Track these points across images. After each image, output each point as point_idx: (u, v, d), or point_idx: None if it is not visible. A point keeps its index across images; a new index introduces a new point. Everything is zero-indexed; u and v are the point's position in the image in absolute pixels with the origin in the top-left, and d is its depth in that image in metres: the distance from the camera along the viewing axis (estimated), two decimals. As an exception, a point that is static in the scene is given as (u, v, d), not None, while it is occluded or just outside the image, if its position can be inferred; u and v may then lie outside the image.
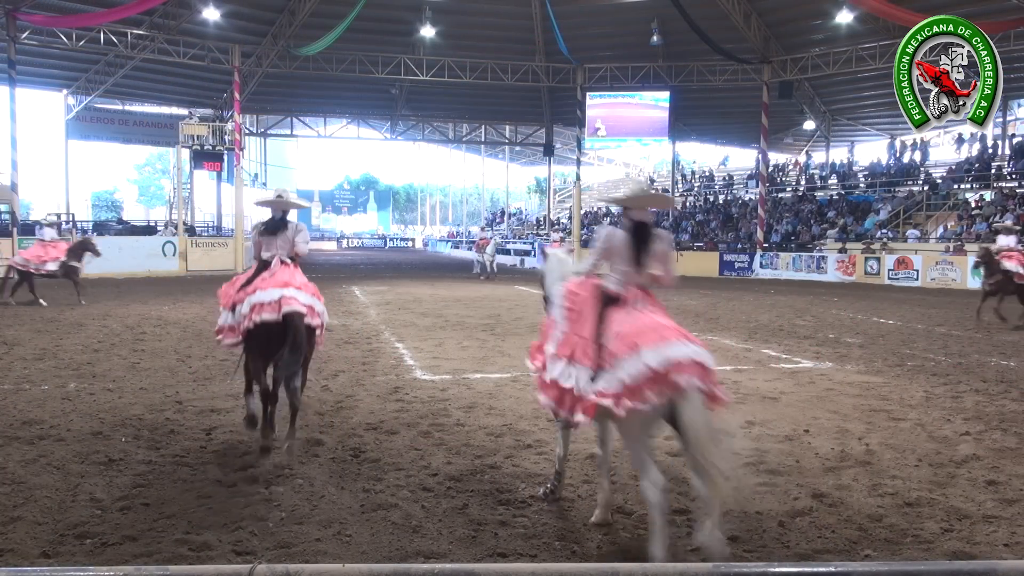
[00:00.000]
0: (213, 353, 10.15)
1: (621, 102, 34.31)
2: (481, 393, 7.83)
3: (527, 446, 5.97)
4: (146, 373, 8.78)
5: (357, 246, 66.06)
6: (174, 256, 27.63)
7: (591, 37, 32.60)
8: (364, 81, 34.59)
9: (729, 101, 36.72)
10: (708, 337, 12.28)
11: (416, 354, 10.35)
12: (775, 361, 10.17)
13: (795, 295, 21.12)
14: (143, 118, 37.68)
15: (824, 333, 13.08)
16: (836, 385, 8.44)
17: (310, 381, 7.93)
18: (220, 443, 5.99)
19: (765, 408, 7.30)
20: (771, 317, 15.51)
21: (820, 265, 28.24)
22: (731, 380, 8.60)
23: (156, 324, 13.23)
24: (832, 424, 6.71)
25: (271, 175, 63.95)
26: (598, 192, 60.07)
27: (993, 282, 14.10)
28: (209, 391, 7.83)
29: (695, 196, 44.11)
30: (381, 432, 6.33)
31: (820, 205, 34.28)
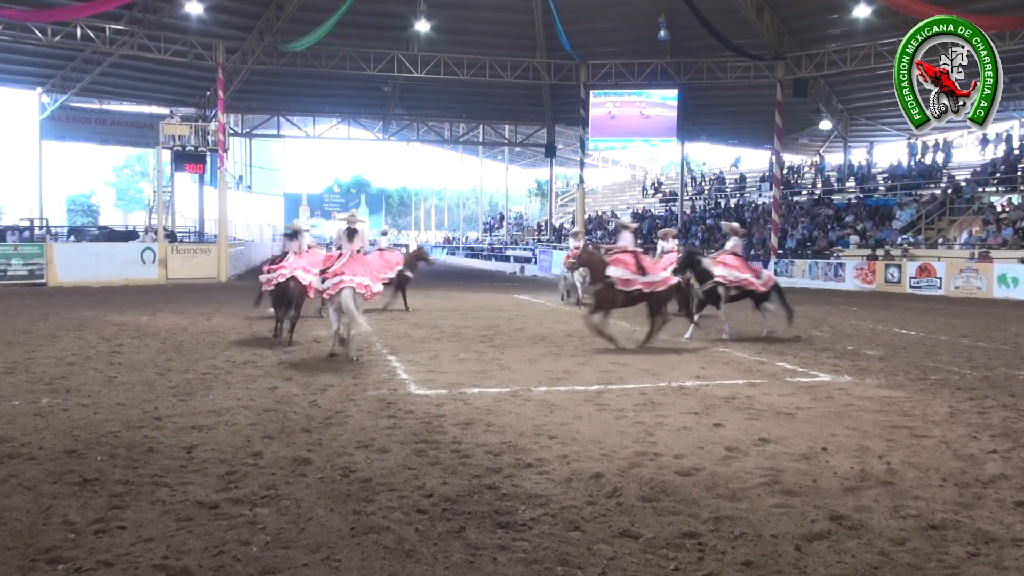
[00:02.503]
0: (194, 366, 10.14)
1: (627, 100, 34.41)
2: (479, 409, 7.81)
3: (528, 465, 5.95)
4: (123, 387, 8.76)
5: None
6: (153, 263, 27.63)
7: (595, 32, 32.72)
8: (355, 78, 34.69)
9: (741, 99, 36.84)
10: (719, 349, 12.28)
11: (410, 367, 10.33)
12: (790, 375, 10.14)
13: (811, 304, 21.11)
14: (121, 117, 37.76)
15: (842, 345, 13.06)
16: (855, 400, 8.42)
17: (298, 396, 8.24)
18: (202, 462, 5.96)
19: (780, 425, 7.29)
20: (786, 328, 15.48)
21: (838, 272, 28.26)
22: (744, 395, 8.60)
23: (134, 335, 13.21)
24: (851, 441, 6.70)
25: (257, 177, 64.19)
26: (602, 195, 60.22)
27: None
28: (190, 407, 7.81)
29: (705, 199, 44.23)
30: (372, 450, 6.32)
31: (837, 209, 34.33)
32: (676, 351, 12.10)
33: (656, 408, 7.91)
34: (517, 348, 12.14)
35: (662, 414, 7.64)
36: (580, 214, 36.41)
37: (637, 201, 51.37)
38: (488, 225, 64.57)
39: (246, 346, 12.07)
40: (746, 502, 5.18)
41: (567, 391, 8.81)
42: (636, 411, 7.76)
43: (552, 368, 10.34)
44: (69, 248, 28.15)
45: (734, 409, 7.90)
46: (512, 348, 12.13)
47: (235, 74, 32.22)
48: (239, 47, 31.02)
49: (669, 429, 7.06)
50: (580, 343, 12.69)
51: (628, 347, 12.09)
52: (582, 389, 8.92)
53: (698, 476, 5.70)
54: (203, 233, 39.20)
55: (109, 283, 25.41)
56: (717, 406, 8.03)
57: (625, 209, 50.20)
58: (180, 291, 23.76)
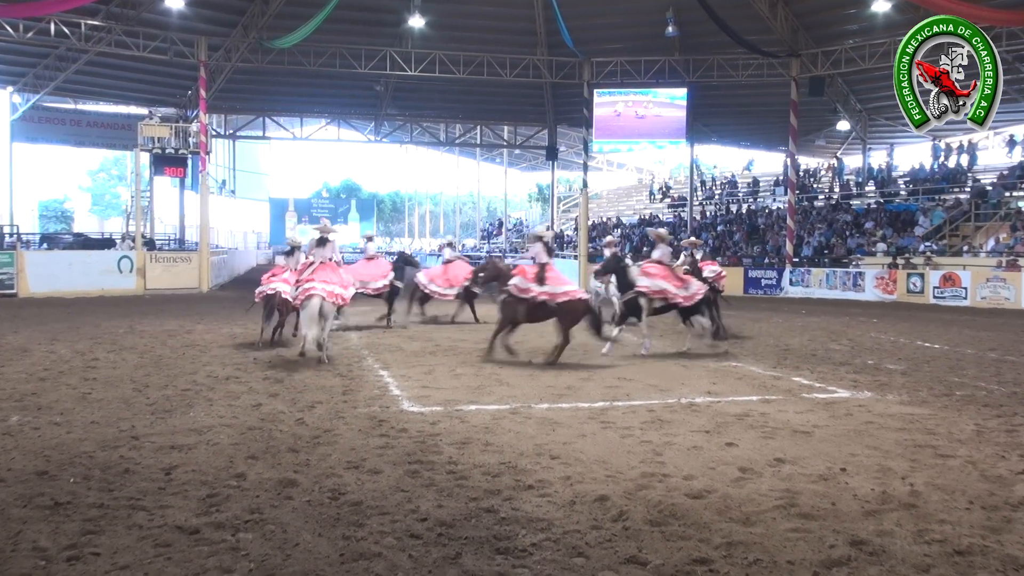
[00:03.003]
0: (174, 382, 10.14)
1: (633, 100, 34.48)
2: (476, 427, 7.81)
3: (528, 487, 5.95)
4: (98, 405, 8.75)
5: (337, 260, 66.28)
6: (131, 273, 27.62)
7: (599, 28, 32.78)
8: (345, 77, 34.73)
9: (754, 99, 36.88)
10: (731, 364, 12.28)
11: (403, 383, 10.33)
12: (807, 390, 10.16)
13: (829, 316, 21.13)
14: (98, 118, 37.79)
15: (862, 359, 13.07)
16: (876, 417, 8.43)
17: (284, 414, 8.25)
18: (181, 484, 5.96)
19: (796, 444, 7.29)
20: (802, 341, 15.51)
21: (857, 282, 28.28)
22: (758, 412, 8.60)
23: (110, 349, 13.21)
24: (872, 462, 6.69)
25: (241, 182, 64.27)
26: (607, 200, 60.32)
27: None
28: (169, 425, 7.80)
29: (716, 204, 44.28)
30: (363, 471, 6.31)
31: (856, 215, 34.39)
32: (685, 366, 12.11)
33: (665, 426, 7.91)
34: (517, 363, 12.13)
35: (671, 432, 7.63)
36: (583, 220, 36.37)
37: (644, 206, 51.40)
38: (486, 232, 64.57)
39: (229, 361, 12.07)
40: (760, 526, 5.18)
41: (570, 408, 8.81)
42: (643, 429, 7.75)
43: (554, 383, 10.34)
44: (41, 256, 28.14)
45: (747, 427, 7.90)
46: (512, 363, 12.12)
47: (218, 72, 32.26)
48: (222, 44, 31.07)
49: (678, 448, 7.05)
50: (584, 357, 12.69)
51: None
52: (586, 406, 8.91)
53: (709, 499, 5.70)
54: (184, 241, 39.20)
55: (84, 294, 25.41)
56: (729, 424, 8.02)
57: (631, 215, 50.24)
58: (159, 302, 23.77)
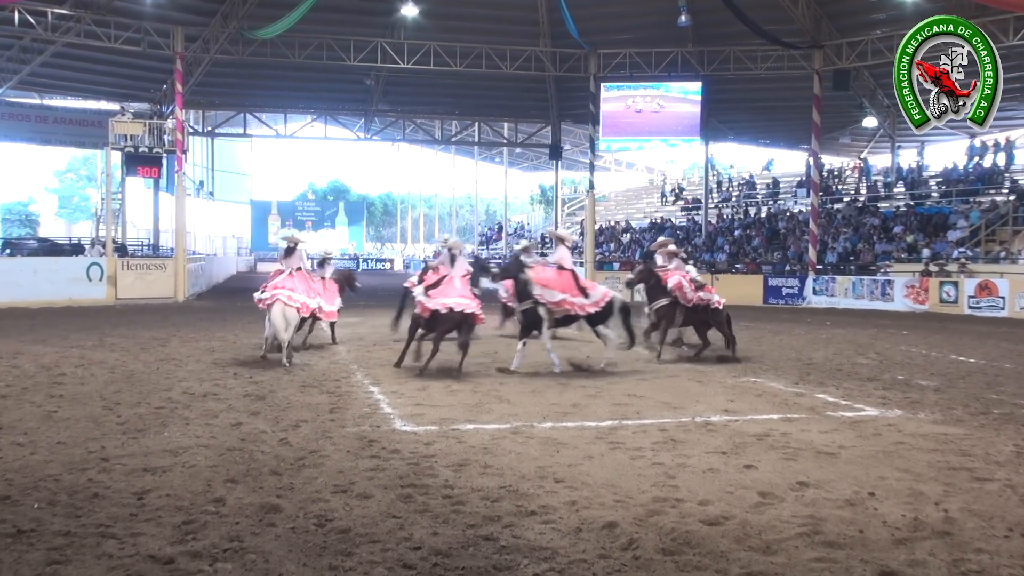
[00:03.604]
0: (147, 399, 10.13)
1: (643, 95, 34.56)
2: (474, 448, 7.80)
3: (530, 512, 5.94)
4: (65, 424, 8.74)
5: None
6: (101, 281, 27.64)
7: (607, 17, 32.88)
8: (333, 70, 34.83)
9: (773, 93, 36.95)
10: (751, 379, 12.28)
11: (395, 400, 10.32)
12: (832, 408, 10.15)
13: (856, 327, 21.11)
14: (65, 114, 37.87)
15: (891, 374, 13.06)
16: (907, 438, 8.42)
17: (266, 434, 8.29)
18: (155, 510, 5.94)
19: (821, 466, 7.27)
20: (827, 354, 15.50)
21: (885, 291, 28.28)
22: (779, 431, 8.58)
23: (78, 364, 13.20)
24: (903, 485, 6.68)
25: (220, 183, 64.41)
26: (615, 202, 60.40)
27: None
28: (142, 446, 7.80)
29: (733, 207, 44.30)
30: (352, 496, 6.30)
31: (884, 218, 34.41)
32: (700, 381, 12.10)
33: (678, 447, 7.90)
34: (519, 378, 12.12)
35: (685, 454, 7.62)
36: (590, 224, 36.40)
37: (655, 209, 51.47)
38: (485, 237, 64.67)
39: (207, 376, 12.07)
40: (782, 555, 5.17)
41: (576, 427, 8.80)
42: (655, 450, 7.74)
43: (558, 400, 10.33)
44: (3, 263, 28.17)
45: (768, 448, 7.89)
46: (513, 378, 12.11)
47: (195, 65, 32.37)
48: (200, 34, 31.16)
49: (693, 471, 7.04)
50: (590, 372, 12.67)
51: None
52: (593, 425, 8.90)
53: (727, 525, 5.69)
54: (158, 246, 39.23)
55: (50, 304, 25.40)
56: (748, 444, 8.01)
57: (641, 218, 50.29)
58: (132, 313, 23.76)
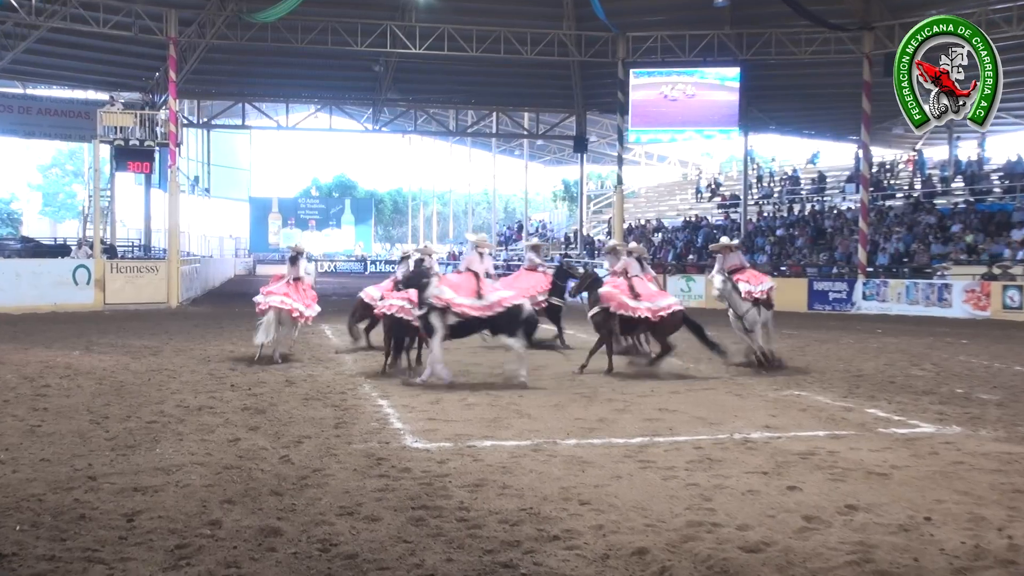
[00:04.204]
0: (137, 413, 10.18)
1: (676, 82, 34.48)
2: (492, 467, 7.79)
3: (553, 537, 5.92)
4: (49, 439, 8.80)
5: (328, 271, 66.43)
6: (88, 285, 27.82)
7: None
8: (339, 56, 34.98)
9: (819, 80, 36.79)
10: (794, 392, 12.21)
11: (406, 414, 10.33)
12: (884, 424, 10.08)
13: (910, 336, 20.98)
14: (51, 105, 38.21)
15: (949, 387, 12.96)
16: (966, 457, 8.35)
17: (266, 450, 8.33)
18: (146, 532, 5.97)
19: (872, 488, 7.23)
20: (878, 365, 15.41)
21: (942, 296, 28.07)
22: (825, 449, 8.53)
23: (63, 375, 13.28)
24: (962, 509, 6.63)
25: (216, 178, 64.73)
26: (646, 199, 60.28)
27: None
28: (132, 463, 7.83)
29: (775, 204, 44.14)
30: (359, 518, 6.31)
31: (941, 216, 34.19)
32: (739, 395, 12.05)
33: (714, 466, 7.87)
34: (541, 390, 12.12)
35: (722, 474, 7.59)
36: (618, 222, 36.31)
37: (689, 207, 51.33)
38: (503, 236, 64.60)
39: (202, 388, 12.12)
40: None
41: (602, 444, 8.79)
42: (689, 470, 7.71)
43: (584, 415, 10.31)
44: (-16, 266, 28.36)
45: (813, 468, 7.85)
46: (534, 390, 12.10)
47: (190, 51, 32.53)
48: (195, 18, 31.33)
49: (731, 493, 7.01)
50: (620, 384, 12.65)
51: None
52: (621, 442, 8.88)
53: (768, 552, 5.66)
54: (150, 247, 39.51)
55: (34, 309, 25.59)
56: (792, 464, 7.97)
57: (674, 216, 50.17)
58: (121, 319, 23.90)
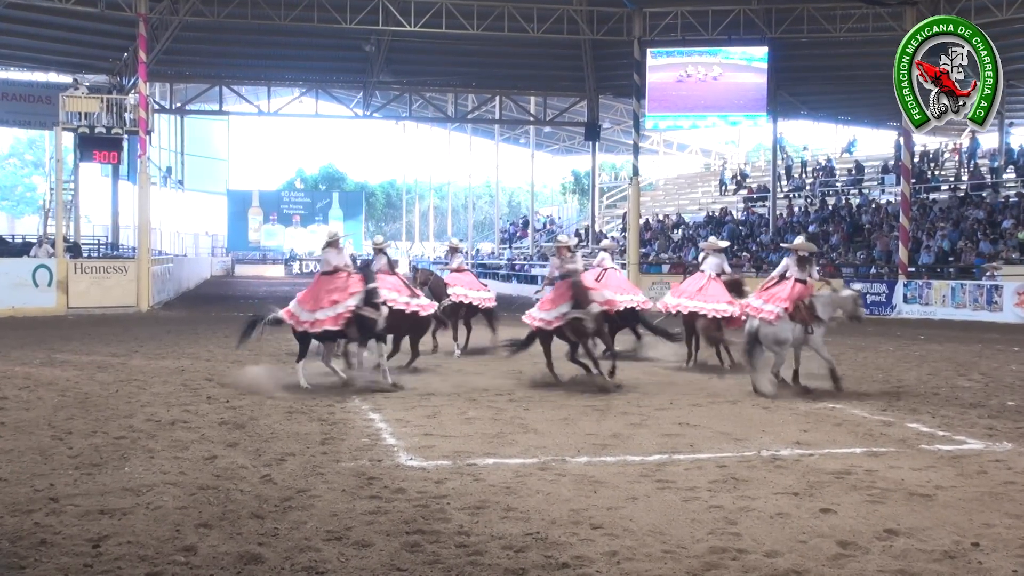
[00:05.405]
0: (104, 427, 10.20)
1: (698, 62, 34.47)
2: (494, 487, 7.80)
3: (562, 565, 5.93)
4: (7, 457, 8.82)
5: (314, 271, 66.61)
6: (50, 287, 27.86)
7: (653, -31, 32.87)
8: (326, 34, 34.98)
9: (856, 60, 36.70)
10: (828, 405, 12.19)
11: (399, 429, 10.34)
12: (927, 440, 10.07)
13: (956, 342, 20.95)
14: (8, 89, 38.30)
15: (999, 399, 12.95)
16: (1019, 476, 8.35)
17: (246, 469, 8.29)
18: (113, 559, 5.98)
19: (913, 510, 7.23)
20: (921, 375, 15.39)
21: (992, 299, 28.01)
22: (862, 468, 8.52)
23: (22, 386, 13.31)
24: (1013, 534, 6.63)
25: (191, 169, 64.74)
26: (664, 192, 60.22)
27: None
28: (98, 483, 7.85)
29: (807, 198, 44.09)
30: (348, 544, 6.32)
31: (991, 210, 34.12)
32: (766, 408, 12.03)
33: (740, 486, 7.87)
34: (548, 402, 12.13)
35: (748, 495, 7.59)
36: (633, 217, 36.24)
37: (712, 200, 51.29)
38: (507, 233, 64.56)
39: (175, 400, 12.13)
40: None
41: (616, 462, 8.79)
42: (712, 491, 7.72)
43: (596, 431, 10.32)
44: (-65, 267, 28.40)
45: (849, 488, 7.84)
46: (541, 403, 12.12)
47: (162, 30, 32.56)
48: (168, -8, 31.38)
49: (758, 516, 7.01)
50: (635, 396, 12.65)
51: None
52: (637, 460, 8.89)
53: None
54: (117, 245, 39.50)
55: (-11, 314, 25.65)
56: (825, 484, 7.97)
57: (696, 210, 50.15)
58: (86, 324, 23.93)
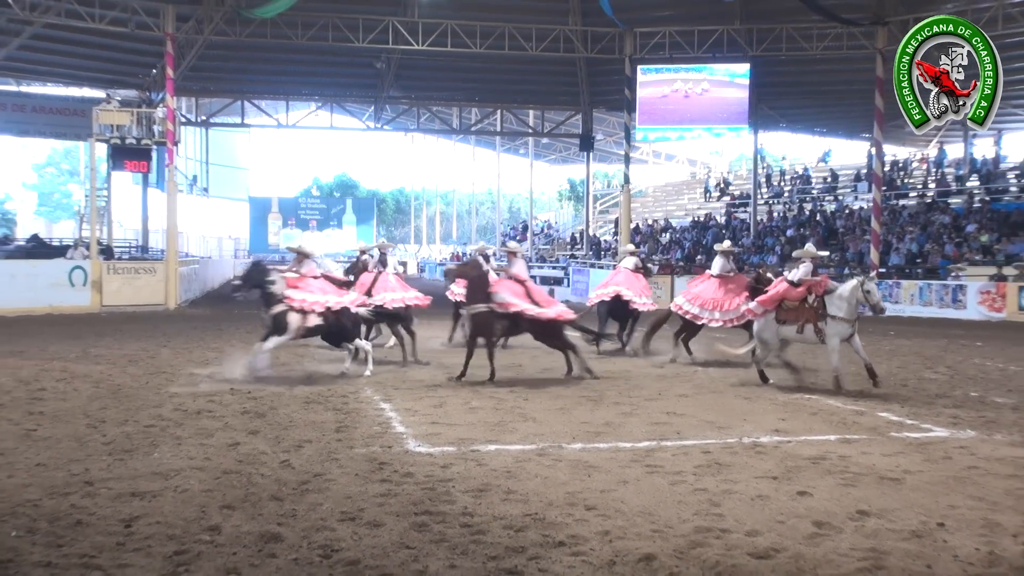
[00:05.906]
0: (135, 417, 10.21)
1: (685, 79, 34.47)
2: (496, 471, 7.81)
3: (559, 543, 5.94)
4: (45, 444, 8.83)
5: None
6: (85, 286, 27.85)
7: (644, -9, 32.84)
8: (340, 53, 34.96)
9: (831, 76, 36.72)
10: (805, 396, 12.21)
11: (408, 418, 10.35)
12: (896, 428, 10.08)
13: (923, 338, 20.95)
14: (45, 103, 38.18)
15: (964, 390, 12.96)
16: (981, 462, 8.35)
17: (267, 455, 8.31)
18: (144, 538, 5.99)
19: (883, 493, 7.23)
20: (891, 368, 15.39)
21: (957, 297, 28.01)
22: (836, 454, 8.53)
23: (59, 378, 13.30)
24: (976, 515, 6.63)
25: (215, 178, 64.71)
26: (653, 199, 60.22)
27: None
28: (129, 468, 7.85)
29: (785, 204, 44.07)
30: (360, 524, 6.33)
31: (956, 216, 34.14)
32: (748, 398, 12.05)
33: (723, 471, 7.88)
34: (546, 393, 12.13)
35: (731, 479, 7.60)
36: (625, 222, 36.29)
37: (698, 206, 51.23)
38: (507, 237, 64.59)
39: (201, 391, 12.13)
40: None
41: (609, 449, 8.80)
42: (697, 475, 7.73)
43: (590, 419, 10.32)
44: (-23, 268, 28.39)
45: (824, 472, 7.85)
46: (540, 393, 12.12)
47: (188, 48, 32.54)
48: (193, 13, 31.29)
49: (740, 498, 7.02)
50: (626, 387, 12.65)
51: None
52: (628, 446, 8.90)
53: (778, 559, 5.67)
54: (147, 248, 39.46)
55: (28, 311, 25.62)
56: (802, 469, 7.98)
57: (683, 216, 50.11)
58: (118, 321, 23.93)
